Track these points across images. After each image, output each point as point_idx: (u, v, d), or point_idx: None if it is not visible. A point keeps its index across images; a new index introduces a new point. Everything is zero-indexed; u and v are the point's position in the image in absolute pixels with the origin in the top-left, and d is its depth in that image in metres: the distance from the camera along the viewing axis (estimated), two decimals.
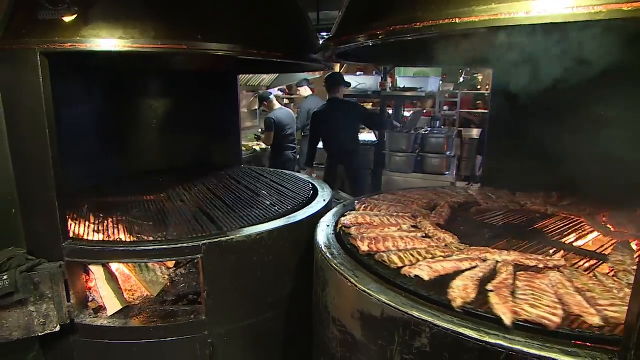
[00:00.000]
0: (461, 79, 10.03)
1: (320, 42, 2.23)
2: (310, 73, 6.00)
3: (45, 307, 1.71)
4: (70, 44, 1.58)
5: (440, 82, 8.46)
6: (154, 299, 2.01)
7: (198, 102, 3.23)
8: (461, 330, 1.18)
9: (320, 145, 5.07)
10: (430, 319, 1.24)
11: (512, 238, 1.84)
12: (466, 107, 8.46)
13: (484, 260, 1.51)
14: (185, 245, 1.78)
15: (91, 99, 2.76)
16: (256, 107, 6.82)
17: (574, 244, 1.79)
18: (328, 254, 1.68)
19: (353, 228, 1.87)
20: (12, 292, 1.60)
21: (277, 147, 5.38)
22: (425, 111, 8.08)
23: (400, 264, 1.51)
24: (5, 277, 1.60)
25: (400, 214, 2.07)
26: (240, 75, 5.40)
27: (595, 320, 1.14)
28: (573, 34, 1.59)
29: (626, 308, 1.03)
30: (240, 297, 1.95)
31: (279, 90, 7.10)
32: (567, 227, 1.99)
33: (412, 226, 1.92)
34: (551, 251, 1.68)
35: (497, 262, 1.50)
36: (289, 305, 2.10)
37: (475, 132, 6.96)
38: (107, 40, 1.60)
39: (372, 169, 5.63)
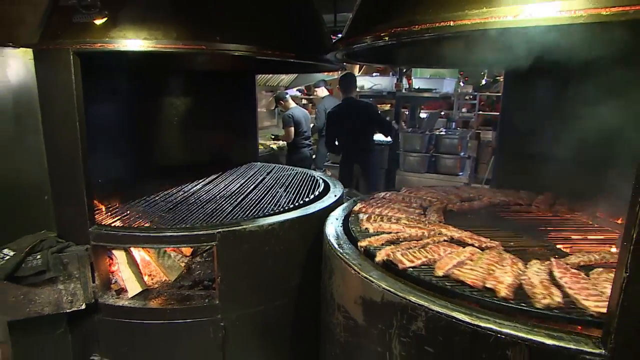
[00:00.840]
0: (483, 82, 9.93)
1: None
2: (327, 73, 6.10)
3: (72, 286, 1.85)
4: (100, 44, 1.72)
5: (462, 84, 8.43)
6: (172, 283, 2.14)
7: (217, 100, 3.36)
8: (454, 314, 1.26)
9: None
10: (425, 304, 1.32)
11: (501, 229, 1.94)
12: None
13: (432, 232, 1.79)
14: (201, 233, 1.90)
15: (116, 97, 2.91)
16: (274, 107, 6.96)
17: (560, 245, 1.79)
18: (335, 244, 1.77)
19: (372, 200, 2.21)
20: (43, 271, 1.75)
21: (293, 144, 5.50)
22: (443, 113, 8.07)
23: (364, 220, 1.89)
24: (38, 257, 1.75)
25: (428, 199, 2.27)
26: (260, 76, 5.55)
27: (439, 273, 1.42)
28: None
29: (480, 274, 1.38)
30: (251, 285, 2.05)
31: (297, 90, 7.22)
32: (580, 233, 1.96)
33: (423, 207, 2.15)
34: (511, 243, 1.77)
35: (442, 234, 1.76)
36: (297, 295, 2.20)
37: (492, 135, 6.93)
38: (133, 41, 1.73)
39: (386, 168, 5.69)
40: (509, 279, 1.35)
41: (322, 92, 6.40)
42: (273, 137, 6.37)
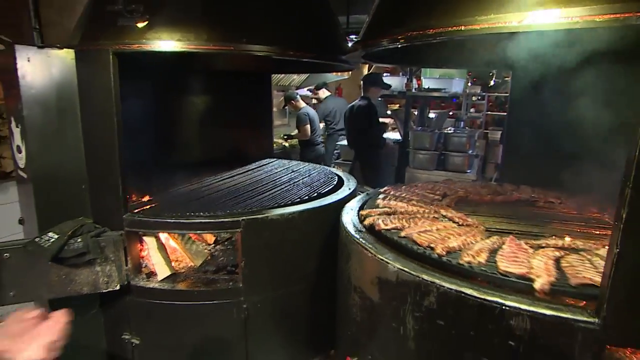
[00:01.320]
0: (492, 82, 10.03)
1: (349, 44, 2.48)
2: (339, 74, 6.24)
3: (108, 268, 2.01)
4: (137, 45, 1.88)
5: (470, 84, 8.55)
6: (197, 268, 2.29)
7: (235, 99, 3.52)
8: (463, 289, 1.39)
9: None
10: (437, 281, 1.45)
11: (503, 216, 2.08)
12: None
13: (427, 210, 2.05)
14: (227, 220, 2.05)
15: (142, 95, 3.06)
16: (283, 107, 7.08)
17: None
18: (352, 231, 1.91)
19: (401, 185, 2.53)
20: (84, 253, 1.91)
21: (308, 142, 5.63)
22: (451, 113, 8.17)
23: (380, 199, 2.20)
24: (79, 240, 1.91)
25: (456, 189, 2.46)
26: (272, 76, 5.68)
27: (402, 234, 1.72)
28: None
29: (433, 238, 1.64)
30: (272, 270, 2.19)
31: (307, 90, 7.35)
32: (588, 229, 1.97)
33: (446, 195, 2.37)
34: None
35: (436, 213, 2.00)
36: (315, 281, 2.34)
37: (500, 134, 7.02)
38: (167, 42, 1.89)
39: (396, 165, 5.83)
40: (454, 243, 1.59)
41: (323, 93, 6.56)
42: (286, 136, 6.49)
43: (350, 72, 6.01)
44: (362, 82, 5.13)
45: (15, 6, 1.98)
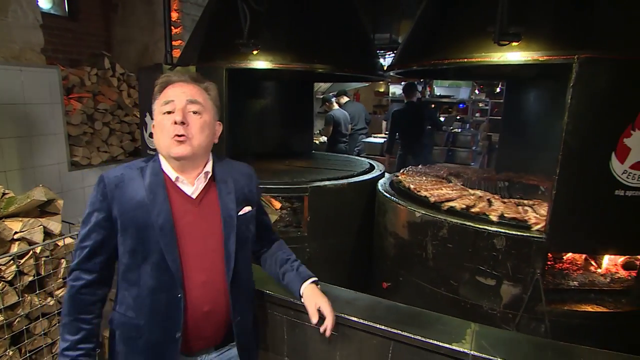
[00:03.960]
0: (497, 89, 10.86)
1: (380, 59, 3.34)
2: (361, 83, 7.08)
3: None
4: (243, 64, 2.74)
5: (477, 92, 9.38)
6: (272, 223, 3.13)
7: (284, 102, 4.37)
8: (465, 222, 2.23)
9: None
10: (448, 219, 2.28)
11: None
12: None
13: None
14: (299, 186, 2.90)
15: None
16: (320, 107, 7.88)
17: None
18: (388, 194, 2.76)
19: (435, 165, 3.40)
20: None
21: (332, 140, 6.44)
22: (458, 117, 8.99)
23: (404, 175, 2.97)
24: None
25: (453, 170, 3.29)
26: None
27: (410, 187, 2.61)
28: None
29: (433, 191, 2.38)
30: (328, 224, 3.03)
31: (332, 95, 8.18)
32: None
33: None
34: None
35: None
36: (356, 236, 3.17)
37: None
38: (263, 62, 2.75)
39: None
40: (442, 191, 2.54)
41: (343, 99, 7.39)
42: (318, 132, 7.37)
43: (370, 82, 6.84)
44: (403, 90, 5.80)
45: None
